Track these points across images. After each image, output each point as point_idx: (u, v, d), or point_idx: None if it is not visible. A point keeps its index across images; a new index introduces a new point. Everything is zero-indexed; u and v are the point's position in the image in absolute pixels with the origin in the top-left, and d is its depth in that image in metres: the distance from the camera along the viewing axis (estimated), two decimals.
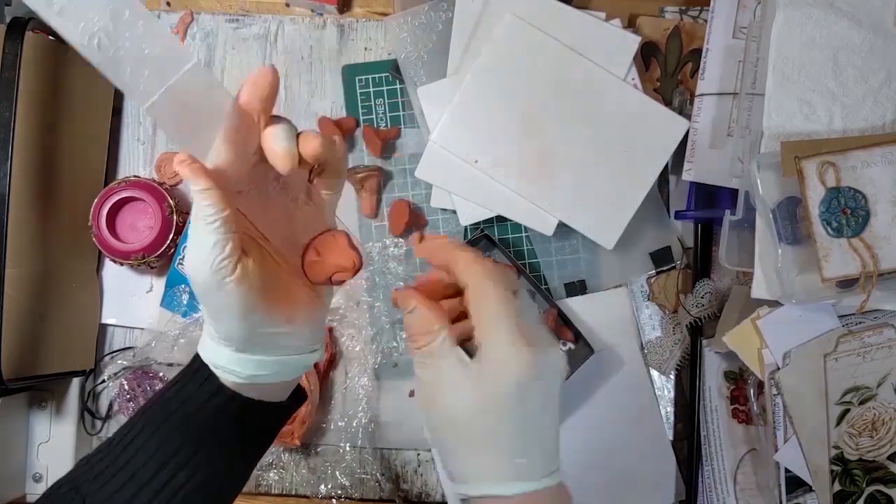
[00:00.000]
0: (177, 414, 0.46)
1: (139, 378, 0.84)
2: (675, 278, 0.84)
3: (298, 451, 0.85)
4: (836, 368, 0.74)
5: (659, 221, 0.84)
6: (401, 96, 0.85)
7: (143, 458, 0.45)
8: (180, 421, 0.45)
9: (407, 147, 0.86)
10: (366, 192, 0.84)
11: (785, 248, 0.70)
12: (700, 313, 0.81)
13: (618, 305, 0.85)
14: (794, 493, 0.75)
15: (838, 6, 0.72)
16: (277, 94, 0.44)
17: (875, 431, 0.74)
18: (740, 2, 0.80)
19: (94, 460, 0.46)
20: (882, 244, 0.67)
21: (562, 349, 0.41)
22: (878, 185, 0.68)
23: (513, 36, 0.79)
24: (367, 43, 0.87)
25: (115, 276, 0.85)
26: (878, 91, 0.72)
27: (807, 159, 0.68)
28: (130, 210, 0.81)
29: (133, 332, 0.86)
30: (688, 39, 0.85)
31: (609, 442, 0.84)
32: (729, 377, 0.81)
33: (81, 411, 0.84)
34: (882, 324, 0.74)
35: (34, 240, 0.75)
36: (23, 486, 0.82)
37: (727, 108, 0.80)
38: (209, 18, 0.87)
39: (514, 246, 0.85)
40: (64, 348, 0.79)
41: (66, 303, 0.79)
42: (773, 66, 0.72)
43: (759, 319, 0.75)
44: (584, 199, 0.80)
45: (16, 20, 0.69)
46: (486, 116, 0.79)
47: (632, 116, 0.79)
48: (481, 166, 0.80)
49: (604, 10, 0.81)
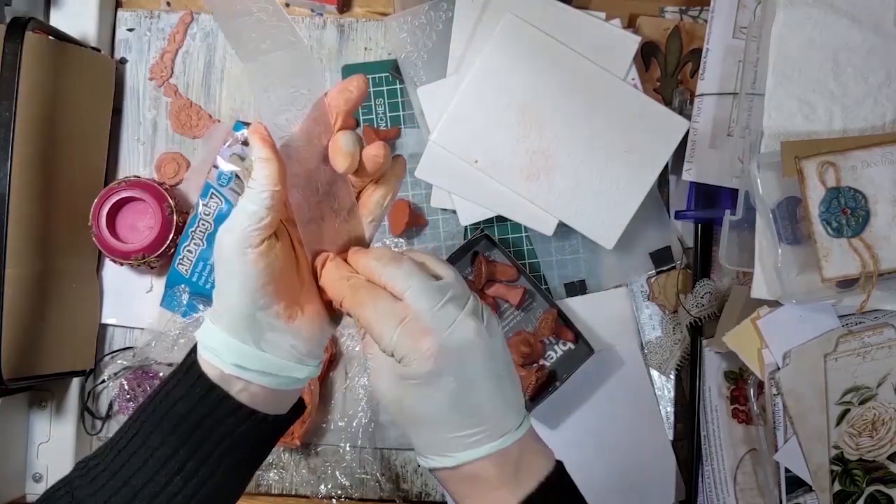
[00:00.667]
0: (168, 417, 0.45)
1: (139, 378, 0.84)
2: (675, 278, 0.84)
3: (298, 451, 0.85)
4: (837, 368, 0.74)
5: (659, 221, 0.84)
6: (401, 96, 0.85)
7: (137, 464, 0.44)
8: (172, 425, 0.45)
9: (407, 147, 0.86)
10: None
11: (785, 248, 0.70)
12: (700, 313, 0.81)
13: (618, 305, 0.85)
14: (794, 493, 0.75)
15: (838, 6, 0.72)
16: (362, 101, 0.46)
17: (875, 431, 0.74)
18: (740, 2, 0.80)
19: (91, 464, 0.46)
20: (882, 244, 0.67)
21: (475, 321, 0.43)
22: (877, 184, 0.68)
23: (513, 36, 0.79)
24: (367, 43, 0.87)
25: (115, 276, 0.85)
26: (877, 91, 0.72)
27: (807, 159, 0.68)
28: (130, 210, 0.81)
29: (133, 332, 0.86)
30: (688, 39, 0.85)
31: (609, 442, 0.84)
32: (729, 377, 0.81)
33: (81, 411, 0.84)
34: (882, 324, 0.74)
35: (34, 240, 0.75)
36: (22, 487, 0.82)
37: (727, 108, 0.80)
38: (209, 18, 0.87)
39: (514, 246, 0.85)
40: (64, 348, 0.79)
41: (66, 303, 0.79)
42: (773, 66, 0.72)
43: (759, 319, 0.75)
44: (584, 199, 0.80)
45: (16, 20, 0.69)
46: (486, 116, 0.79)
47: (632, 116, 0.79)
48: (481, 166, 0.80)
49: (604, 10, 0.81)
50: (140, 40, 0.87)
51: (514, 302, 0.83)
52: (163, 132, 0.86)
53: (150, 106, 0.86)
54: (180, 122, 0.86)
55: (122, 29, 0.87)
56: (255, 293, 0.44)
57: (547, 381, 0.82)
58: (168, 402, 0.46)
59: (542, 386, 0.81)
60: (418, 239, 0.85)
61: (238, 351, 0.45)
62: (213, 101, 0.86)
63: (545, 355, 0.83)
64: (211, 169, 0.83)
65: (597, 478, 0.83)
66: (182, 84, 0.86)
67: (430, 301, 0.43)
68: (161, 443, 0.45)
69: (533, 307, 0.84)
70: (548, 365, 0.83)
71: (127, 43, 0.87)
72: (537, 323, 0.82)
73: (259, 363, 0.45)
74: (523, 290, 0.83)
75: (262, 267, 0.44)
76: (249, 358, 0.45)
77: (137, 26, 0.87)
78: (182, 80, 0.86)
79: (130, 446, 0.45)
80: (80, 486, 0.45)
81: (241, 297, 0.44)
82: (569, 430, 0.83)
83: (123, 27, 0.87)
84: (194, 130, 0.86)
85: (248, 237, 0.43)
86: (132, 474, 0.44)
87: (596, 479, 0.83)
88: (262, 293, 0.44)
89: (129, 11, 0.87)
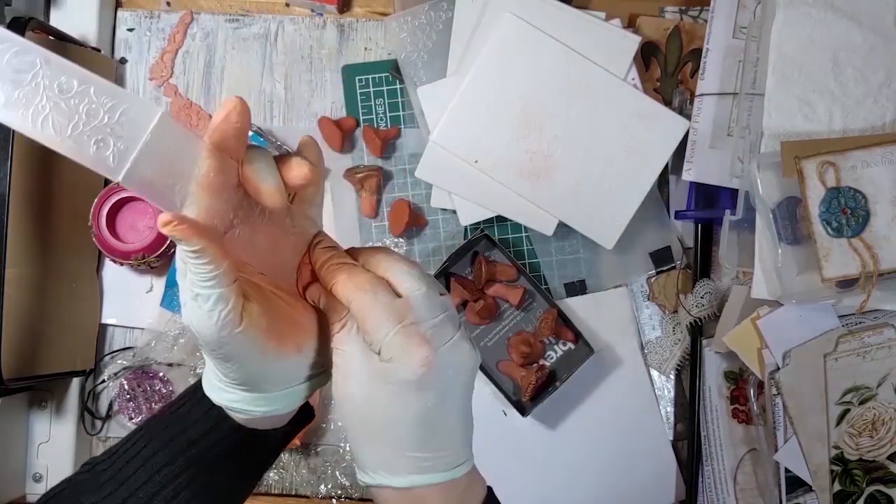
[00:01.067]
0: (179, 439, 0.45)
1: (139, 378, 0.84)
2: (675, 278, 0.84)
3: (298, 451, 0.85)
4: (836, 368, 0.74)
5: (659, 221, 0.84)
6: (401, 96, 0.85)
7: (144, 477, 0.45)
8: (182, 447, 0.45)
9: (407, 147, 0.86)
10: (366, 192, 0.84)
11: (785, 248, 0.70)
12: (700, 313, 0.81)
13: (618, 305, 0.85)
14: (794, 493, 0.75)
15: (838, 6, 0.72)
16: (250, 123, 0.40)
17: (875, 431, 0.74)
18: (740, 2, 0.80)
19: (99, 469, 0.46)
20: (882, 244, 0.68)
21: (470, 346, 0.42)
22: (877, 184, 0.68)
23: (513, 36, 0.79)
24: (367, 43, 0.87)
25: (115, 276, 0.85)
26: (877, 91, 0.72)
27: (807, 159, 0.68)
28: (130, 210, 0.81)
29: (133, 331, 0.86)
30: (688, 39, 0.85)
31: (609, 442, 0.84)
32: (729, 377, 0.81)
33: (81, 411, 0.84)
34: (882, 324, 0.74)
35: (34, 240, 0.75)
36: (23, 487, 0.82)
37: (727, 107, 0.80)
38: (209, 18, 0.87)
39: (514, 246, 0.85)
40: (64, 348, 0.79)
41: (66, 303, 0.79)
42: (773, 66, 0.72)
43: (758, 319, 0.75)
44: (584, 199, 0.80)
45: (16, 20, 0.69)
46: (486, 116, 0.79)
47: (632, 116, 0.79)
48: (481, 166, 0.80)
49: (604, 10, 0.81)
50: (140, 40, 0.87)
51: (514, 302, 0.83)
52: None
53: None
54: (180, 122, 0.86)
55: (121, 29, 0.87)
56: (262, 359, 0.42)
57: (547, 381, 0.82)
58: (180, 426, 0.46)
59: (542, 386, 0.81)
60: (418, 239, 0.85)
61: (267, 400, 0.44)
62: (213, 101, 0.86)
63: (545, 355, 0.83)
64: None
65: (597, 478, 0.83)
66: (182, 84, 0.86)
67: (433, 311, 0.41)
68: (168, 461, 0.45)
69: (533, 307, 0.84)
70: (548, 365, 0.83)
71: (127, 43, 0.87)
72: (537, 323, 0.82)
73: (288, 398, 0.44)
74: (523, 290, 0.83)
75: (255, 334, 0.40)
76: (279, 400, 0.44)
77: (137, 26, 0.87)
78: (182, 81, 0.86)
79: (138, 459, 0.45)
80: (86, 490, 0.45)
81: (253, 368, 0.42)
82: (569, 430, 0.83)
83: (123, 27, 0.87)
84: (194, 130, 0.85)
85: (227, 324, 0.39)
86: (139, 487, 0.44)
87: (596, 479, 0.83)
88: (267, 354, 0.42)
89: (129, 11, 0.87)
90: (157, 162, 0.37)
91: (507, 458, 0.84)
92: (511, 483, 0.83)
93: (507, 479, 0.83)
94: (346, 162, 0.86)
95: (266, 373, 0.43)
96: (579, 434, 0.84)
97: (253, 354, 0.41)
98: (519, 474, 0.84)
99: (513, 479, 0.83)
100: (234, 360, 0.41)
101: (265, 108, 0.86)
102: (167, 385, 0.84)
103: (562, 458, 0.83)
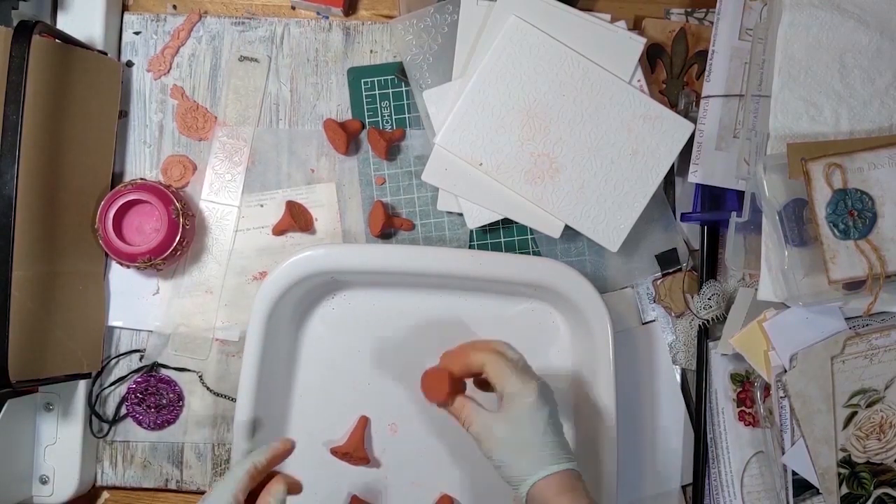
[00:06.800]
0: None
1: (146, 381, 0.84)
2: (681, 280, 0.84)
3: None
4: (844, 371, 0.74)
5: (665, 223, 0.84)
6: (406, 98, 0.86)
7: None
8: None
9: (412, 149, 0.86)
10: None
11: (791, 250, 0.70)
12: (707, 315, 0.81)
13: (624, 307, 0.85)
14: (802, 495, 0.75)
15: (844, 7, 0.72)
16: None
17: (883, 434, 0.74)
18: (746, 3, 0.80)
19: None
20: (889, 246, 0.67)
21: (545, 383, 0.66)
22: (884, 186, 0.67)
23: (517, 38, 0.79)
24: (372, 45, 0.87)
25: (122, 279, 0.85)
26: (884, 92, 0.71)
27: (813, 161, 0.68)
28: (137, 212, 0.81)
29: (140, 334, 0.86)
30: (693, 41, 0.85)
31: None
32: (735, 379, 0.81)
33: (88, 414, 0.84)
34: (889, 326, 0.74)
35: (41, 242, 0.76)
36: (29, 489, 0.82)
37: (733, 109, 0.80)
38: (215, 21, 0.87)
39: (520, 249, 0.85)
40: (71, 351, 0.79)
41: (73, 305, 0.80)
42: (780, 68, 0.72)
43: (765, 321, 0.75)
44: (589, 202, 0.80)
45: (23, 23, 0.69)
46: (490, 119, 0.79)
47: (637, 118, 0.79)
48: (486, 169, 0.80)
49: (609, 13, 0.81)
50: (146, 43, 0.87)
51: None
52: (169, 135, 0.87)
53: (157, 109, 0.87)
54: (187, 124, 0.86)
55: (128, 32, 0.87)
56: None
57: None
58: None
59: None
60: (424, 241, 0.85)
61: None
62: (220, 103, 0.86)
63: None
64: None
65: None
66: (189, 86, 0.87)
67: (525, 363, 0.67)
68: None
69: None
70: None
71: (133, 46, 0.87)
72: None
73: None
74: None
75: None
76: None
77: (144, 29, 0.87)
78: (189, 83, 0.87)
79: None
80: None
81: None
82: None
83: (130, 30, 0.87)
84: (201, 133, 0.86)
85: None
86: None
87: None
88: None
89: (136, 14, 0.87)
90: None
91: None
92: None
93: None
94: (352, 164, 0.86)
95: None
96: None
97: None
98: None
99: None
100: None
101: (271, 111, 0.86)
102: (175, 389, 0.84)
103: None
